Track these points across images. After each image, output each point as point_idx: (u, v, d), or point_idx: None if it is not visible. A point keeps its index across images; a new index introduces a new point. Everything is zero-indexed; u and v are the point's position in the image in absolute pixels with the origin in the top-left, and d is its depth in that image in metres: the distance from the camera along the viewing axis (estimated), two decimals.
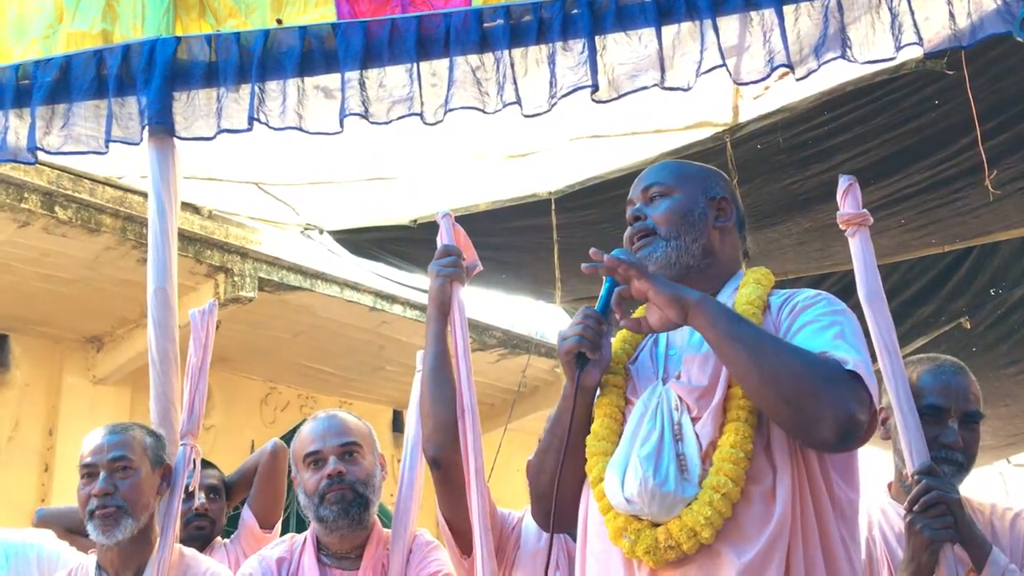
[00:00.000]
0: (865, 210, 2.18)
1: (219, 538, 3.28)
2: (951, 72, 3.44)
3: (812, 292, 1.80)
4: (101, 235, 5.08)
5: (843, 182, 2.20)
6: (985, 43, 2.61)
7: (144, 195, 4.77)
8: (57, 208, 4.92)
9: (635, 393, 1.77)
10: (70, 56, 2.82)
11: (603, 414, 1.76)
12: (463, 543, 2.22)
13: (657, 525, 1.62)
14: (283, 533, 5.38)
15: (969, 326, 4.91)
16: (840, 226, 2.22)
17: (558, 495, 1.71)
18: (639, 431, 1.68)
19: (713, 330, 1.64)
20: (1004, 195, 3.92)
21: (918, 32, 2.54)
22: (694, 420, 1.67)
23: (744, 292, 1.80)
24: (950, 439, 2.15)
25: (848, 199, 2.18)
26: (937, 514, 1.96)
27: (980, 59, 3.36)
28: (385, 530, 2.55)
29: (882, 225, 4.25)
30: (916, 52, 2.67)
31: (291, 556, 2.50)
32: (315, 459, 2.48)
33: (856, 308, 2.02)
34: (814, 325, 1.70)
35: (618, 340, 1.87)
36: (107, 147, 2.78)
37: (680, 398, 1.69)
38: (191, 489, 2.51)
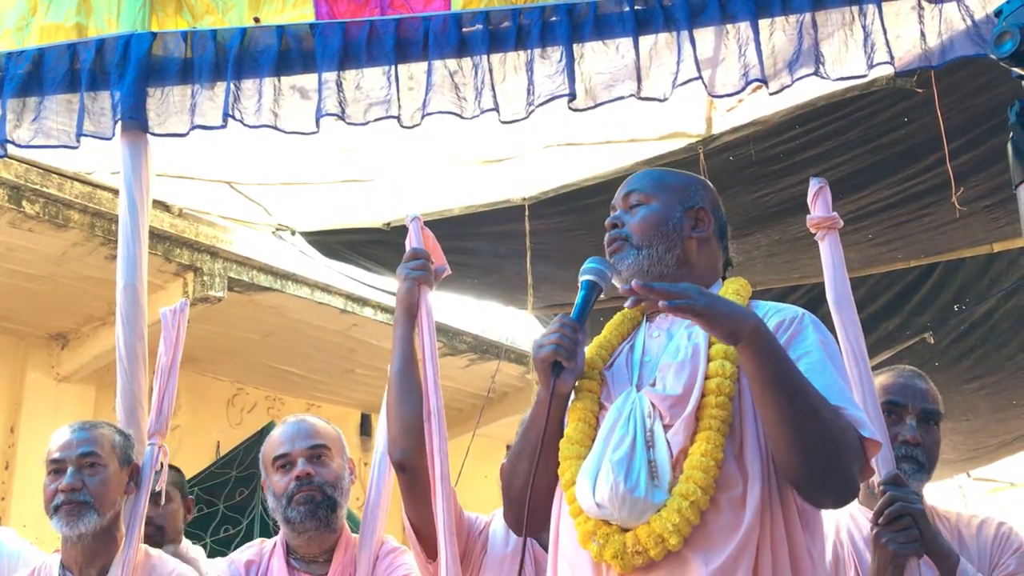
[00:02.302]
0: (835, 213, 2.20)
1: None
2: (921, 90, 3.50)
3: (792, 312, 1.80)
4: (69, 231, 5.02)
5: (814, 184, 2.21)
6: (955, 62, 2.66)
7: (113, 191, 4.73)
8: (24, 202, 4.86)
9: (609, 399, 1.78)
10: (43, 49, 2.80)
11: (577, 418, 1.76)
12: (428, 547, 2.21)
13: (627, 530, 1.63)
14: (247, 537, 5.33)
15: (933, 341, 4.98)
16: (810, 229, 2.24)
17: (531, 499, 1.71)
18: (612, 436, 1.68)
19: (760, 370, 1.62)
20: (970, 212, 3.99)
21: (890, 51, 2.58)
22: (666, 427, 1.68)
23: None
24: (908, 434, 2.20)
25: (819, 202, 2.20)
26: (902, 527, 1.99)
27: (949, 78, 3.42)
28: (354, 535, 2.55)
29: (850, 239, 4.28)
30: (887, 70, 2.71)
31: (260, 559, 2.50)
32: (284, 462, 2.49)
33: (826, 319, 2.05)
34: (809, 358, 1.70)
35: (594, 346, 1.88)
36: (78, 141, 2.76)
37: (653, 405, 1.70)
38: (157, 490, 2.49)
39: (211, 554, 4.82)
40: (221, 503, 5.43)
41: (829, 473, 1.61)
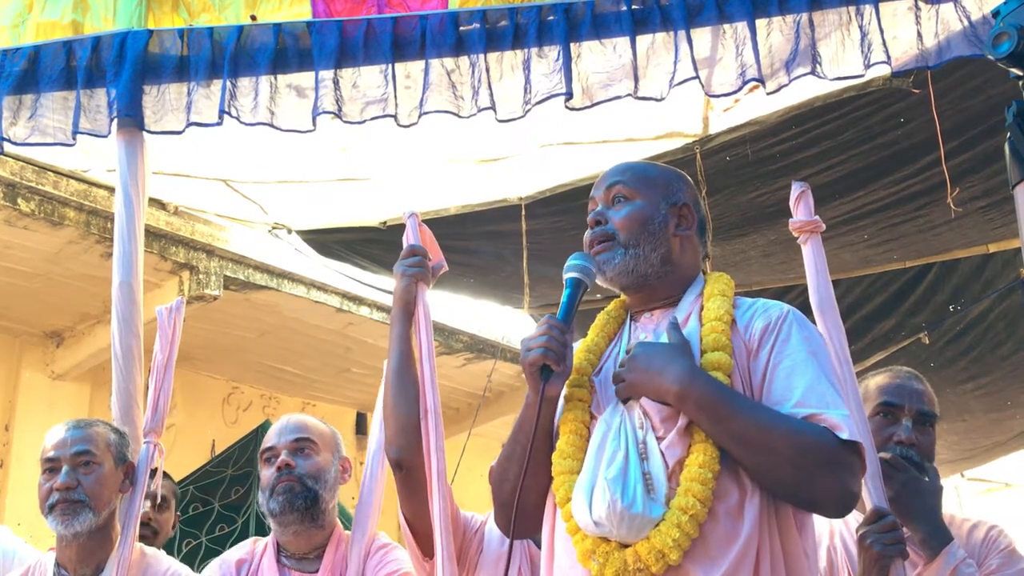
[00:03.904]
0: (817, 217, 2.20)
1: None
2: (917, 91, 3.50)
3: (778, 308, 1.78)
4: (64, 229, 5.01)
5: (795, 189, 2.21)
6: (951, 63, 2.67)
7: (109, 189, 4.72)
8: (20, 200, 4.85)
9: (599, 408, 1.75)
10: (39, 46, 2.79)
11: (568, 431, 1.74)
12: (424, 545, 2.21)
13: (625, 546, 1.61)
14: (242, 536, 5.31)
15: (928, 341, 4.99)
16: (793, 233, 2.24)
17: (521, 503, 1.70)
18: (604, 450, 1.66)
19: (700, 424, 1.64)
20: (965, 213, 4.00)
21: (887, 51, 2.58)
22: (659, 439, 1.66)
23: (711, 307, 1.77)
24: (903, 435, 2.21)
25: (800, 206, 2.20)
26: (887, 528, 1.99)
27: (946, 79, 3.43)
28: (346, 532, 2.55)
29: (845, 240, 4.31)
30: (884, 70, 2.71)
31: (251, 558, 2.51)
32: (269, 455, 2.52)
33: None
34: (791, 360, 1.69)
35: (581, 350, 1.85)
36: (74, 139, 2.75)
37: (644, 415, 1.68)
38: (152, 488, 2.48)
39: (206, 553, 4.82)
40: (216, 502, 5.41)
41: (808, 491, 1.61)
